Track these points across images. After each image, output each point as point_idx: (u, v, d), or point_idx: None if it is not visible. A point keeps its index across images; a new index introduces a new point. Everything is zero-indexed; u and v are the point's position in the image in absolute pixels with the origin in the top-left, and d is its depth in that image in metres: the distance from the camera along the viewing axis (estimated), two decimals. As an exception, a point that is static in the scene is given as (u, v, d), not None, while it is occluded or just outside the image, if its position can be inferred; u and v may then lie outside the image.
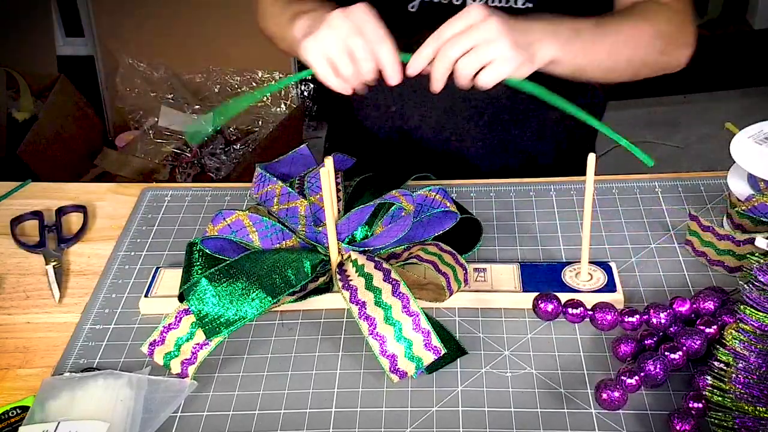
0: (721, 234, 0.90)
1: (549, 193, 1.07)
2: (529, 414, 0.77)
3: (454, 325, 0.88)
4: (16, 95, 2.53)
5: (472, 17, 0.85)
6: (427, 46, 0.86)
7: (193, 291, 0.83)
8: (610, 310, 0.82)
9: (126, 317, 0.92)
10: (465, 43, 0.84)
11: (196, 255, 0.91)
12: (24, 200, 1.13)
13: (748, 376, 0.71)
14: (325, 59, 0.89)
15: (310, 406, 0.80)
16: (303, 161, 1.05)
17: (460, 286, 0.87)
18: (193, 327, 0.83)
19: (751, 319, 0.73)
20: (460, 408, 0.78)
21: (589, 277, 0.90)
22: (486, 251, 0.98)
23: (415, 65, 0.87)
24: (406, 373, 0.80)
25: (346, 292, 0.84)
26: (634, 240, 0.98)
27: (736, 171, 0.95)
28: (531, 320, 0.87)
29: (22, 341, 0.90)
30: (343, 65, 0.88)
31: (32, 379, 0.85)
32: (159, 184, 1.15)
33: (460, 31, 0.85)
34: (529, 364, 0.82)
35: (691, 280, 0.91)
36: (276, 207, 0.97)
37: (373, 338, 0.80)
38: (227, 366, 0.85)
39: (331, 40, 0.87)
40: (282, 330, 0.89)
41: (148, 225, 1.07)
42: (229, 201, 1.10)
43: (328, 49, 0.88)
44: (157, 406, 0.80)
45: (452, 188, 1.08)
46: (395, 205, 0.93)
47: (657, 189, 1.06)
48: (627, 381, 0.75)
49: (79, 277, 0.99)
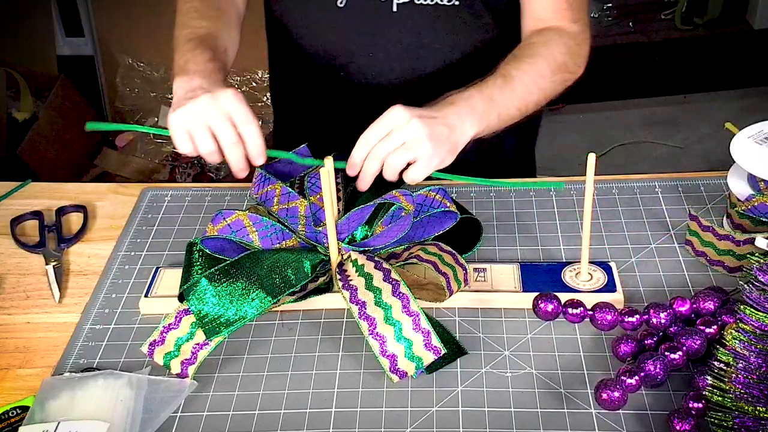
0: (721, 234, 0.90)
1: (549, 193, 1.07)
2: (529, 414, 0.77)
3: (454, 325, 0.88)
4: (16, 95, 2.53)
5: (396, 120, 0.90)
6: (357, 150, 0.91)
7: (193, 291, 0.83)
8: (610, 310, 0.82)
9: (126, 317, 0.92)
10: (393, 142, 0.90)
11: (196, 255, 0.91)
12: (24, 200, 1.13)
13: (748, 376, 0.71)
14: (186, 132, 0.92)
15: (310, 406, 0.80)
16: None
17: (460, 286, 0.87)
18: (193, 327, 0.83)
19: (751, 319, 0.73)
20: (460, 408, 0.78)
21: (589, 277, 0.90)
22: (486, 251, 0.98)
23: (351, 171, 0.93)
24: (406, 373, 0.80)
25: (346, 292, 0.84)
26: (634, 240, 0.98)
27: (736, 171, 0.95)
28: (531, 320, 0.87)
29: (22, 341, 0.90)
30: (202, 142, 0.91)
31: (32, 379, 0.85)
32: (159, 184, 1.15)
33: (386, 135, 0.90)
34: (529, 364, 0.82)
35: (691, 280, 0.91)
36: (276, 207, 0.97)
37: (373, 338, 0.80)
38: (227, 366, 0.85)
39: (195, 117, 0.91)
40: (282, 330, 0.89)
41: (148, 225, 1.07)
42: (229, 201, 1.10)
43: (190, 124, 0.91)
44: (157, 406, 0.80)
45: (452, 188, 1.08)
46: (395, 205, 0.93)
47: (657, 189, 1.06)
48: (627, 381, 0.75)
49: (79, 277, 0.99)
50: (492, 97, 0.99)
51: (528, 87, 1.03)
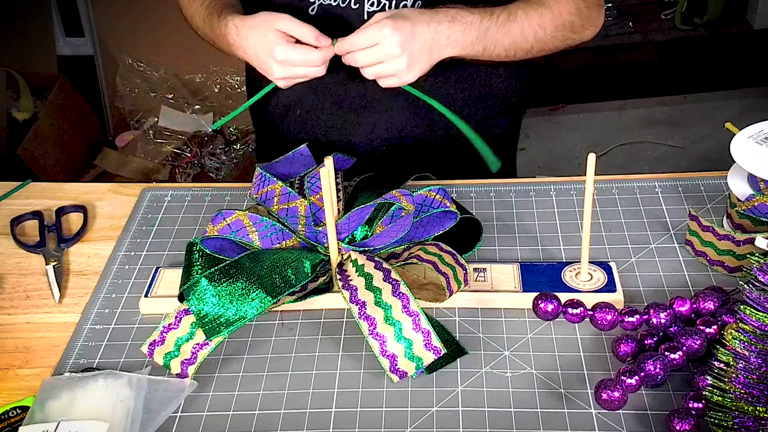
0: (721, 234, 0.90)
1: (549, 193, 1.07)
2: (529, 414, 0.77)
3: (454, 325, 0.88)
4: (16, 95, 2.53)
5: (382, 37, 0.97)
6: (341, 46, 1.00)
7: (193, 291, 0.83)
8: (610, 310, 0.82)
9: (126, 317, 0.92)
10: (372, 57, 0.98)
11: (196, 255, 0.91)
12: (24, 200, 1.13)
13: (748, 376, 0.71)
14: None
15: (310, 406, 0.80)
16: (303, 161, 1.05)
17: (460, 286, 0.87)
18: (193, 327, 0.83)
19: (751, 319, 0.73)
20: (460, 408, 0.78)
21: (589, 277, 0.90)
22: (486, 251, 0.98)
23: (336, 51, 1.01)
24: (406, 373, 0.80)
25: (346, 292, 0.84)
26: (634, 240, 0.98)
27: (736, 171, 0.95)
28: (531, 320, 0.87)
29: (22, 341, 0.90)
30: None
31: (32, 379, 0.85)
32: (159, 184, 1.15)
33: (370, 45, 0.98)
34: (529, 364, 0.82)
35: (691, 280, 0.91)
36: (276, 207, 0.97)
37: (373, 338, 0.80)
38: (227, 366, 0.85)
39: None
40: (282, 330, 0.89)
41: (148, 225, 1.07)
42: (229, 201, 1.10)
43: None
44: (157, 406, 0.80)
45: (452, 188, 1.08)
46: (395, 205, 0.93)
47: (657, 189, 1.06)
48: (627, 381, 0.75)
49: (79, 277, 0.99)
50: (488, 30, 1.04)
51: (525, 34, 1.06)
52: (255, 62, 1.05)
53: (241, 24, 1.05)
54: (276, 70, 1.02)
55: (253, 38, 1.03)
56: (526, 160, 2.79)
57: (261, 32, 1.02)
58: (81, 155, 2.56)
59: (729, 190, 0.94)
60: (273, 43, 1.00)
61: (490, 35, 1.04)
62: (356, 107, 1.16)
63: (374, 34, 0.97)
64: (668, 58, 3.07)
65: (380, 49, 0.97)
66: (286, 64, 1.01)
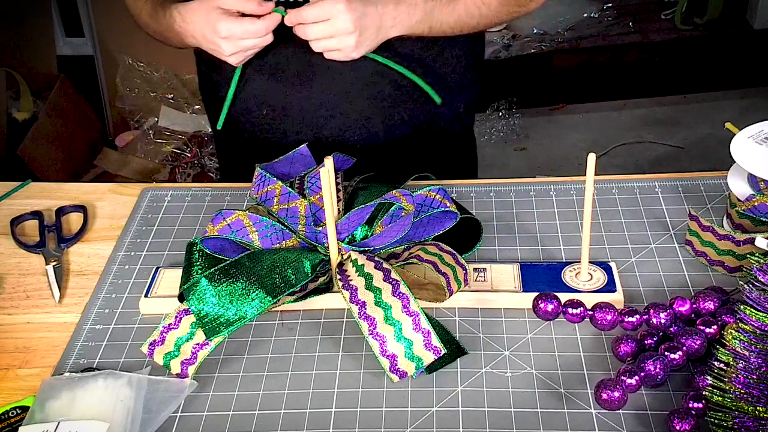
0: (721, 234, 0.90)
1: (549, 193, 1.07)
2: (529, 414, 0.77)
3: (454, 325, 0.88)
4: (16, 95, 2.53)
5: (334, 9, 1.00)
6: (291, 17, 1.02)
7: (193, 291, 0.83)
8: (610, 310, 0.82)
9: (126, 317, 0.92)
10: (324, 31, 1.01)
11: (196, 255, 0.91)
12: (24, 200, 1.13)
13: (748, 376, 0.71)
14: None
15: (310, 406, 0.80)
16: (303, 161, 1.05)
17: (460, 286, 0.87)
18: (193, 327, 0.83)
19: (751, 319, 0.73)
20: (460, 408, 0.78)
21: (589, 277, 0.90)
22: (486, 251, 0.98)
23: (286, 22, 1.03)
24: (406, 373, 0.80)
25: (346, 292, 0.84)
26: (634, 240, 0.98)
27: (736, 171, 0.95)
28: (531, 320, 0.87)
29: (22, 341, 0.90)
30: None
31: (32, 379, 0.85)
32: (159, 184, 1.15)
33: (322, 20, 1.01)
34: (529, 364, 0.82)
35: (691, 280, 0.91)
36: (276, 207, 0.97)
37: (373, 338, 0.80)
38: (227, 366, 0.85)
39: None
40: (282, 330, 0.89)
41: (148, 225, 1.07)
42: (229, 201, 1.10)
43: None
44: (157, 406, 0.80)
45: (452, 188, 1.08)
46: (395, 205, 0.93)
47: (657, 189, 1.06)
48: (627, 381, 0.75)
49: (79, 277, 0.99)
50: (432, 10, 1.08)
51: (470, 11, 1.11)
52: (204, 44, 1.06)
53: (183, 9, 1.07)
54: (224, 46, 1.03)
55: (197, 20, 1.05)
56: (526, 160, 2.80)
57: (203, 13, 1.04)
58: (81, 155, 2.57)
59: (729, 190, 0.94)
60: (215, 20, 1.02)
61: (435, 15, 1.08)
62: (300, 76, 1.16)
63: (328, 9, 1.00)
64: (668, 58, 3.07)
65: (332, 23, 1.00)
66: (233, 39, 1.02)
